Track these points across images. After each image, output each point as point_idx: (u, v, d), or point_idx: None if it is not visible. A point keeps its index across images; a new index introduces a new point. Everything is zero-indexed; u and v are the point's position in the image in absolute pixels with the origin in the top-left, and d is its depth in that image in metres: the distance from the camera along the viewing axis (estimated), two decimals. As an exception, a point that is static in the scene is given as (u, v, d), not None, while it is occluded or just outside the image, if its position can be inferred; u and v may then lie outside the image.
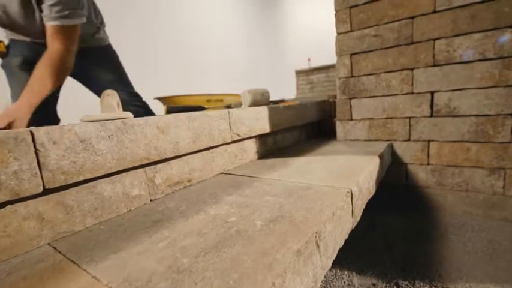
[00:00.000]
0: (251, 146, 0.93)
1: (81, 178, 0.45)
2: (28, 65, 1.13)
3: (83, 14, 1.00)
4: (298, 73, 5.65)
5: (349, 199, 0.57)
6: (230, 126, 0.77)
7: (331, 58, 1.37)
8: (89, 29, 1.19)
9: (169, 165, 0.64)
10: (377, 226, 1.02)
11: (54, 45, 0.97)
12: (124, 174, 0.54)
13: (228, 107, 1.14)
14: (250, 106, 1.25)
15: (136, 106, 1.38)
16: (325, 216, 0.46)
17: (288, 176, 0.72)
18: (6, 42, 1.16)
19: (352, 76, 1.20)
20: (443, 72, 1.00)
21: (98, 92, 1.31)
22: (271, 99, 1.54)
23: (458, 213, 1.04)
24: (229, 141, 0.77)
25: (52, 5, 0.94)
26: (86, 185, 0.48)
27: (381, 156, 0.91)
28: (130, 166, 0.52)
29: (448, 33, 0.98)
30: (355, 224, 0.61)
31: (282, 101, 1.40)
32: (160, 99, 2.98)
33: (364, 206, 0.69)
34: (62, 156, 0.42)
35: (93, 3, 1.23)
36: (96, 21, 1.22)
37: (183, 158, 0.67)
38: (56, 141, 0.41)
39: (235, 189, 0.63)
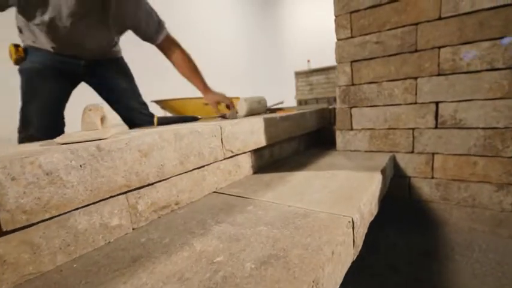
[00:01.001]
0: (246, 161, 0.88)
1: (47, 216, 0.40)
2: (45, 74, 1.12)
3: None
4: (298, 74, 5.60)
5: (351, 230, 0.52)
6: (222, 142, 0.71)
7: (330, 60, 1.33)
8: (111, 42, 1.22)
9: (155, 189, 0.58)
10: (379, 245, 0.97)
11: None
12: (102, 202, 0.49)
13: (223, 116, 1.09)
14: (246, 114, 1.20)
15: (143, 114, 1.37)
16: (324, 257, 0.41)
17: (285, 197, 0.67)
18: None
19: (352, 84, 1.15)
20: (448, 82, 0.95)
21: (113, 101, 1.30)
22: (271, 102, 1.49)
23: (464, 230, 0.99)
24: (222, 158, 0.72)
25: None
26: (57, 218, 0.43)
27: (383, 172, 0.86)
28: (107, 196, 0.47)
29: (454, 41, 0.93)
30: (357, 254, 0.56)
31: (280, 108, 1.35)
32: (157, 102, 2.93)
33: (366, 231, 0.64)
34: (23, 193, 0.37)
35: None
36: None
37: (170, 179, 0.61)
38: (15, 176, 0.36)
39: (227, 215, 0.58)
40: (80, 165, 0.43)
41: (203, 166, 0.69)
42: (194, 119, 1.04)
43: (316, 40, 6.04)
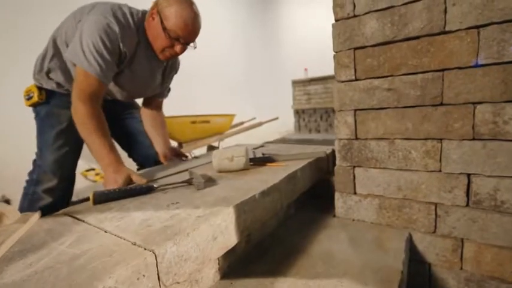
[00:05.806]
0: (209, 267, 0.63)
1: None
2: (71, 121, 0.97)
3: None
4: (295, 83, 5.35)
5: None
6: (159, 278, 0.46)
7: (328, 69, 1.15)
8: None
9: None
10: None
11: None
12: None
13: (189, 182, 0.84)
14: (218, 171, 0.96)
15: None
16: None
17: None
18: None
19: (356, 138, 0.90)
20: (487, 151, 0.71)
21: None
22: (266, 116, 1.26)
23: None
24: (160, 298, 0.47)
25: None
26: None
27: (401, 285, 0.61)
28: None
29: (495, 97, 0.68)
30: None
31: (268, 158, 1.10)
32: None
33: None
34: None
35: None
36: None
37: None
38: None
39: None
40: None
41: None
42: (148, 189, 0.79)
43: (314, 48, 5.80)
